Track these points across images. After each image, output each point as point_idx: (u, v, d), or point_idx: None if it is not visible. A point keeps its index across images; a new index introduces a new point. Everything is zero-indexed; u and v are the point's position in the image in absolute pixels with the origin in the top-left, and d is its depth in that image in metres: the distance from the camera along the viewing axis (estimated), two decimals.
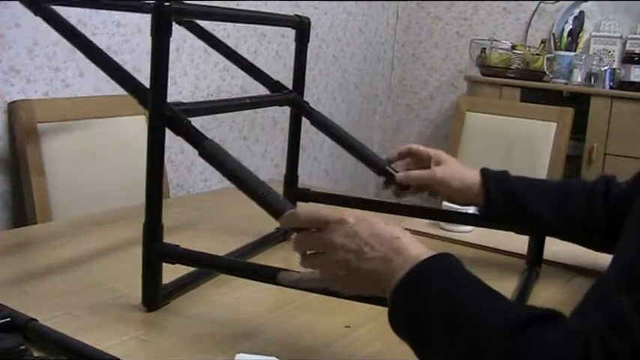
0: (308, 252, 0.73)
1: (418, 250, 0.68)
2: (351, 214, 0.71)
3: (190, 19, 0.86)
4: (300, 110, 1.17)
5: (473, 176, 1.06)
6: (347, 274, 0.69)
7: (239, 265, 0.87)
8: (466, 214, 1.25)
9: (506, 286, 0.97)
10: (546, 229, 1.05)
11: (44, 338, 0.73)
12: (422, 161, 1.12)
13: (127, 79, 0.91)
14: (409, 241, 0.69)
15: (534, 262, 1.06)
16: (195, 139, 0.84)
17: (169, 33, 0.81)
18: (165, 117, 0.85)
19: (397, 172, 1.13)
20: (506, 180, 1.04)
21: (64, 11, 1.71)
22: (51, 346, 0.72)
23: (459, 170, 1.07)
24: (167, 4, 0.80)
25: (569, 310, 0.75)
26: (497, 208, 1.04)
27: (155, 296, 0.86)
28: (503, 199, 1.03)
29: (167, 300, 0.87)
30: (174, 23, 0.82)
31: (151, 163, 0.84)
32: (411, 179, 1.11)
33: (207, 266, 0.89)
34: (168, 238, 0.89)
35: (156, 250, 0.85)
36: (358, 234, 0.69)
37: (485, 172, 1.06)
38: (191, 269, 0.91)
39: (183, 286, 0.90)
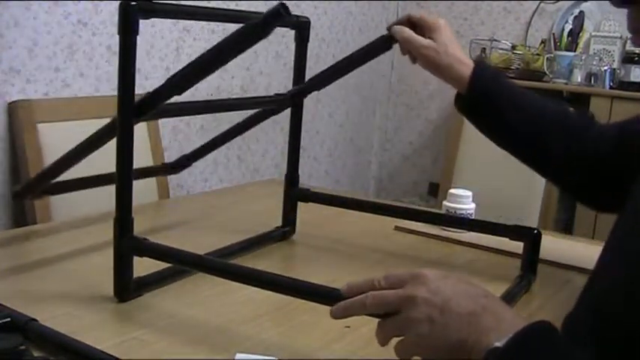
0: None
1: (511, 312, 0.62)
2: (428, 270, 0.65)
3: (159, 17, 0.86)
4: (298, 107, 1.17)
5: (459, 70, 1.00)
6: (429, 333, 0.61)
7: (209, 263, 0.87)
8: (464, 219, 1.25)
9: (505, 288, 0.97)
10: (514, 142, 1.03)
11: (44, 338, 0.73)
12: (423, 30, 1.03)
13: None
14: (498, 300, 0.64)
15: (528, 268, 1.05)
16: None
17: (136, 31, 0.82)
18: (135, 112, 0.86)
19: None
20: (493, 92, 1.00)
21: (64, 10, 1.72)
22: (51, 346, 0.72)
23: (447, 56, 1.01)
24: (133, 3, 0.81)
25: (568, 310, 0.74)
26: (474, 113, 1.02)
27: (127, 288, 0.88)
28: (484, 108, 1.00)
29: (139, 292, 0.89)
30: (174, 24, 0.82)
31: (120, 159, 0.85)
32: (399, 36, 1.02)
33: (174, 261, 0.90)
34: (167, 238, 0.89)
35: (126, 243, 0.86)
36: (441, 289, 0.63)
37: (474, 76, 1.00)
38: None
39: (156, 280, 0.92)
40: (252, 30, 0.76)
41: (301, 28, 1.13)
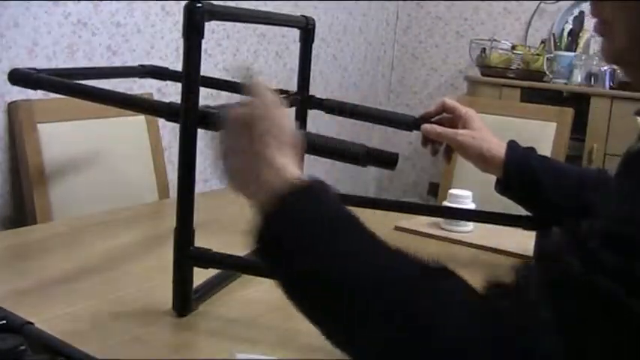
0: None
1: (289, 168, 0.63)
2: (262, 101, 0.65)
3: (223, 20, 0.86)
4: (310, 105, 1.17)
5: (495, 151, 1.04)
6: (230, 160, 0.67)
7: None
8: (466, 210, 1.25)
9: None
10: (559, 216, 1.04)
11: (39, 341, 0.72)
12: (455, 118, 1.10)
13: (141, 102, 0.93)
14: (283, 153, 0.64)
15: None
16: None
17: (201, 34, 0.80)
18: (198, 117, 0.84)
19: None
20: (528, 163, 1.03)
21: (64, 10, 1.72)
22: (45, 349, 0.71)
23: (483, 140, 1.05)
24: (199, 5, 0.79)
25: None
26: (514, 189, 1.04)
27: (187, 301, 0.84)
28: (521, 182, 1.02)
29: (199, 304, 0.86)
30: (174, 24, 0.82)
31: (182, 167, 0.83)
32: (433, 134, 1.09)
33: (239, 269, 0.88)
34: (167, 238, 0.89)
35: (188, 254, 0.84)
36: (251, 116, 0.64)
37: (509, 152, 1.03)
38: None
39: (211, 288, 0.90)
40: None
41: (307, 28, 1.13)
